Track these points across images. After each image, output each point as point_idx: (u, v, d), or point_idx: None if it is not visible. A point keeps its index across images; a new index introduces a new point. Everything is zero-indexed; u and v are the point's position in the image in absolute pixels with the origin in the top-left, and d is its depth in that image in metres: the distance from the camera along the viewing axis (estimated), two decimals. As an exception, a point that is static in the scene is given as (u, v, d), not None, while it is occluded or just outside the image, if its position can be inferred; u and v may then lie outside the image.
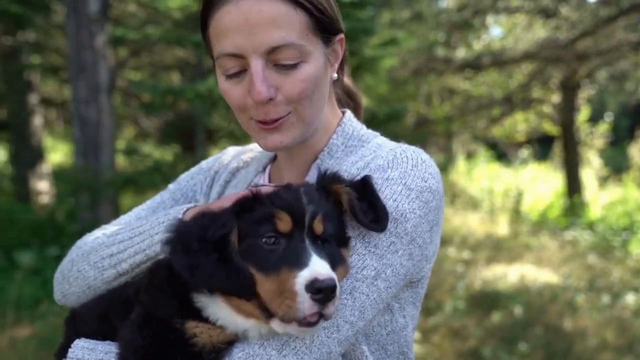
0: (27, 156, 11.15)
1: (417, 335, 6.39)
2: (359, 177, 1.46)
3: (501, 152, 20.90)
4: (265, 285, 1.27)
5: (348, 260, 1.42)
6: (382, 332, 1.58)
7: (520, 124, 16.36)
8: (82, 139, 8.43)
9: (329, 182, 1.42)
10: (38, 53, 12.28)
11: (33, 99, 11.20)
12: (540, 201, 14.78)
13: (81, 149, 8.46)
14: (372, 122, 8.35)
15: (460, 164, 18.18)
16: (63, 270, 1.75)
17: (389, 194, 1.48)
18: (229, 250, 1.28)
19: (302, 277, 1.24)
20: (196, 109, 8.51)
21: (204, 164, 1.99)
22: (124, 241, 1.60)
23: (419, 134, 14.09)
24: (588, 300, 7.74)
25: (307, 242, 1.29)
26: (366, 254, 1.44)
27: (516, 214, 13.00)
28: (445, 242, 10.73)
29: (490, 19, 12.97)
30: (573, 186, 13.82)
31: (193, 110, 8.87)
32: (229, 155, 1.98)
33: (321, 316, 1.26)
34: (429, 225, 1.53)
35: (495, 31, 15.62)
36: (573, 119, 13.82)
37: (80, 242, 1.76)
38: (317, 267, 1.25)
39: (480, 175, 17.47)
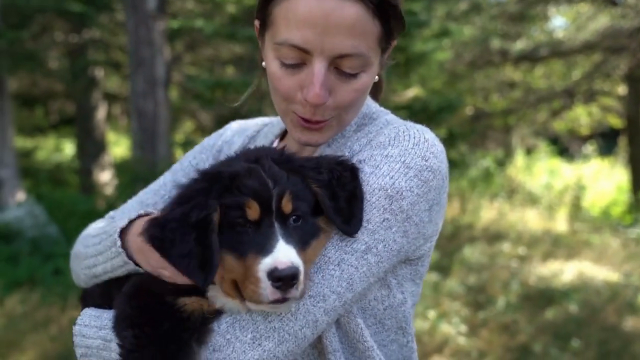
0: (91, 149, 11.63)
1: (463, 328, 6.31)
2: (345, 167, 1.45)
3: (563, 147, 20.24)
4: (235, 269, 1.35)
5: (328, 227, 1.43)
6: (379, 306, 1.58)
7: (582, 117, 15.80)
8: (140, 131, 8.73)
9: (294, 162, 1.44)
10: (102, 50, 12.75)
11: (97, 94, 11.66)
12: (602, 197, 14.25)
13: (139, 141, 8.76)
14: (424, 113, 8.28)
15: (519, 158, 17.71)
16: (70, 261, 1.87)
17: (386, 171, 1.48)
18: (209, 229, 1.35)
19: (265, 264, 1.30)
20: (245, 102, 8.64)
21: (205, 141, 1.98)
22: (92, 257, 1.66)
23: (476, 128, 13.81)
24: (649, 299, 7.44)
25: (276, 225, 1.34)
26: None
27: (576, 210, 12.57)
28: (499, 237, 10.51)
29: (552, 9, 12.59)
30: (638, 182, 13.24)
31: (243, 103, 9.01)
32: (232, 130, 1.96)
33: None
34: (428, 204, 1.52)
35: (558, 21, 15.09)
36: (639, 112, 13.23)
37: (80, 237, 1.85)
38: (279, 254, 1.30)
39: (540, 171, 16.98)
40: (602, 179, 15.87)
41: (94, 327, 1.52)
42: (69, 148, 17.78)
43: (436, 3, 11.47)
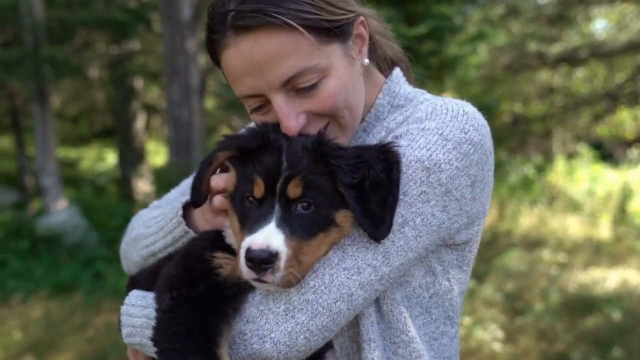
0: (131, 158, 11.89)
1: (500, 334, 6.18)
2: (385, 167, 1.40)
3: (607, 152, 19.67)
4: (238, 237, 1.38)
5: (346, 223, 1.40)
6: (424, 294, 1.54)
7: (627, 121, 15.35)
8: (176, 138, 8.88)
9: (328, 153, 1.40)
10: (141, 61, 13.05)
11: (136, 104, 11.93)
12: (649, 204, 13.78)
13: (174, 149, 8.91)
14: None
15: (560, 164, 17.30)
16: (122, 250, 1.92)
17: (423, 144, 1.44)
18: (207, 165, 1.48)
19: (245, 242, 1.32)
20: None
21: None
22: (153, 234, 1.72)
23: (514, 133, 13.55)
24: (698, 309, 7.14)
25: (277, 208, 1.34)
26: None
27: (621, 216, 12.19)
28: (539, 244, 10.27)
29: (594, 10, 12.31)
30: (686, 187, 12.77)
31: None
32: None
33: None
34: (470, 180, 1.47)
35: (600, 24, 14.73)
36: (686, 115, 12.78)
37: (131, 224, 1.91)
38: (259, 236, 1.31)
39: (583, 177, 16.54)
40: (648, 185, 15.35)
41: (139, 306, 1.56)
42: (111, 157, 18.23)
43: (472, 8, 11.36)
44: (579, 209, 13.19)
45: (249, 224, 1.35)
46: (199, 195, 1.49)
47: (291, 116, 1.45)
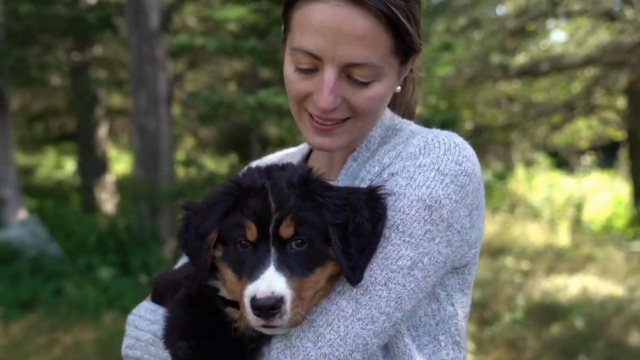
0: (93, 167, 11.63)
1: (471, 346, 6.27)
2: (371, 216, 1.41)
3: (562, 160, 20.26)
4: (233, 286, 1.38)
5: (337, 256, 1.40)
6: (430, 322, 1.55)
7: (583, 130, 15.84)
8: (142, 148, 8.73)
9: (315, 190, 1.41)
10: (104, 68, 12.80)
11: (99, 111, 11.69)
12: (603, 211, 14.24)
13: (141, 159, 8.76)
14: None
15: (519, 172, 17.72)
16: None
17: (421, 181, 1.45)
18: (204, 244, 1.41)
19: (248, 290, 1.32)
20: (249, 121, 8.68)
21: None
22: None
23: (476, 142, 13.81)
24: (655, 314, 7.41)
25: (272, 250, 1.34)
26: (401, 243, 1.42)
27: (578, 224, 12.57)
28: (503, 252, 10.49)
29: (550, 24, 12.66)
30: (639, 195, 13.25)
31: (248, 121, 9.05)
32: None
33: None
34: (468, 210, 1.49)
35: (557, 36, 15.17)
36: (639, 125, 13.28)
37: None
38: (262, 283, 1.30)
39: (541, 184, 16.98)
40: (602, 192, 15.87)
41: (148, 320, 1.55)
42: (69, 165, 17.78)
43: (435, 18, 11.54)
44: (538, 216, 13.54)
45: (247, 272, 1.34)
46: (205, 281, 1.45)
47: (334, 93, 1.48)
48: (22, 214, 9.72)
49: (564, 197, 14.69)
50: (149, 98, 8.57)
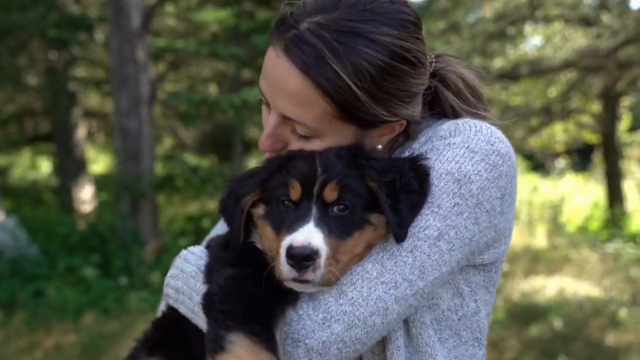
0: (70, 167, 11.47)
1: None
2: (417, 176, 1.44)
3: (538, 163, 20.55)
4: (271, 242, 1.42)
5: (380, 225, 1.43)
6: (453, 317, 1.55)
7: (559, 134, 16.08)
8: (123, 149, 8.64)
9: (360, 158, 1.46)
10: (82, 67, 12.63)
11: (77, 111, 11.53)
12: (578, 213, 14.48)
13: (122, 159, 8.68)
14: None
15: (497, 175, 17.91)
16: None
17: (450, 156, 1.46)
18: (237, 207, 1.49)
19: (285, 241, 1.35)
20: (233, 120, 8.65)
21: None
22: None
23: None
24: (631, 314, 7.55)
25: (314, 209, 1.39)
26: (429, 213, 1.43)
27: (555, 226, 12.76)
28: (482, 253, 10.61)
29: (528, 28, 12.83)
30: (614, 197, 13.50)
31: (230, 121, 9.03)
32: None
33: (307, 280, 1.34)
34: (500, 192, 1.47)
35: (534, 40, 15.40)
36: (614, 129, 13.53)
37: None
38: (300, 234, 1.34)
39: (519, 187, 17.22)
40: (577, 195, 16.14)
41: (197, 256, 1.59)
42: (45, 165, 17.51)
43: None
44: (516, 218, 13.71)
45: (286, 226, 1.39)
46: (240, 242, 1.50)
47: (271, 138, 1.53)
48: (0, 216, 9.55)
49: (541, 200, 14.90)
50: (130, 99, 8.50)
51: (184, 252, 1.63)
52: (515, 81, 11.21)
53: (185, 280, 1.56)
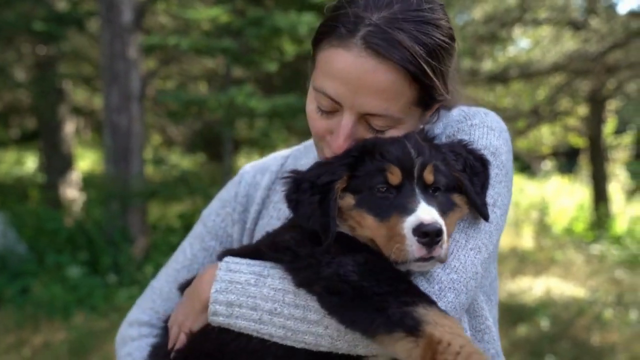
0: (58, 164, 11.35)
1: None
2: (475, 157, 1.56)
3: (525, 165, 20.71)
4: (379, 230, 1.40)
5: (462, 204, 1.51)
6: (485, 282, 1.68)
7: (546, 136, 16.21)
8: (113, 146, 8.58)
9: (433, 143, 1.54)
10: (70, 63, 12.51)
11: (64, 108, 11.42)
12: (564, 214, 14.62)
13: (112, 156, 8.61)
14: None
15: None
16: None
17: (479, 135, 1.60)
18: (330, 195, 1.43)
19: (409, 222, 1.36)
20: (221, 119, 8.63)
21: (224, 194, 1.95)
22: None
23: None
24: (616, 315, 7.64)
25: (417, 191, 1.42)
26: None
27: (541, 227, 12.87)
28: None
29: (517, 30, 12.92)
30: (599, 199, 13.64)
31: (219, 119, 9.01)
32: (250, 173, 1.95)
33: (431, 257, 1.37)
34: (510, 163, 1.66)
35: (522, 43, 15.50)
36: (600, 132, 13.67)
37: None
38: (423, 212, 1.37)
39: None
40: (563, 196, 16.28)
41: (245, 264, 1.54)
42: (31, 162, 17.34)
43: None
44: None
45: (397, 209, 1.39)
46: (335, 232, 1.44)
47: (349, 140, 1.54)
48: (-15, 212, 9.44)
49: (528, 201, 15.02)
50: (120, 95, 8.44)
51: (222, 264, 1.56)
52: (505, 83, 11.29)
53: (242, 290, 1.50)
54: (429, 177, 1.44)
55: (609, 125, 15.46)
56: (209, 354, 1.53)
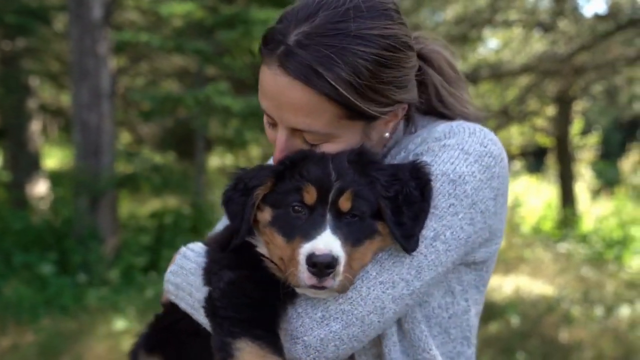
0: (24, 162, 11.11)
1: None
2: (418, 184, 1.46)
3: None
4: (285, 251, 1.41)
5: (386, 233, 1.45)
6: (443, 314, 1.59)
7: (515, 136, 16.45)
8: (83, 143, 8.43)
9: (368, 165, 1.47)
10: (37, 59, 12.24)
11: (31, 104, 11.17)
12: (533, 213, 14.86)
13: (82, 154, 8.46)
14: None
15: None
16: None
17: (446, 158, 1.50)
18: (249, 200, 1.45)
19: (305, 249, 1.36)
20: (195, 117, 8.55)
21: None
22: None
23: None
24: (583, 312, 7.79)
25: (329, 216, 1.39)
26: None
27: (511, 226, 13.06)
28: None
29: (487, 32, 13.07)
30: (566, 199, 13.90)
31: (192, 117, 8.92)
32: None
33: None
34: (493, 193, 1.52)
35: (491, 44, 15.71)
36: (567, 132, 13.92)
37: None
38: (319, 242, 1.35)
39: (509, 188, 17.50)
40: (531, 196, 16.54)
41: (197, 253, 1.61)
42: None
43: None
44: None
45: (301, 233, 1.39)
46: (246, 234, 1.50)
47: (284, 152, 1.54)
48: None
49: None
50: (90, 92, 8.29)
51: (183, 248, 1.66)
52: (475, 84, 11.41)
53: (185, 276, 1.59)
54: (344, 204, 1.40)
55: (575, 125, 15.78)
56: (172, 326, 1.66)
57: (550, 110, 14.36)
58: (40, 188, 11.20)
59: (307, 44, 1.43)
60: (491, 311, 7.66)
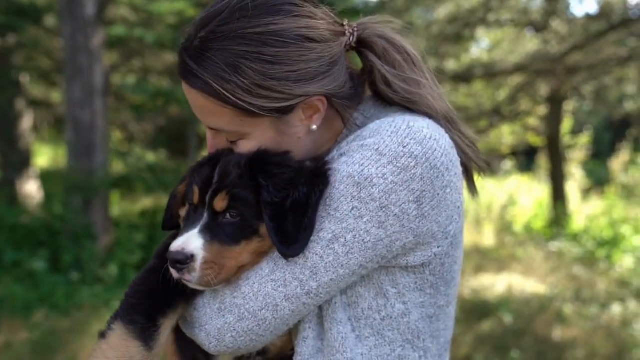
0: (15, 160, 11.02)
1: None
2: (315, 191, 1.46)
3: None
4: None
5: (266, 235, 1.48)
6: (375, 316, 1.56)
7: (506, 136, 16.51)
8: (76, 141, 8.38)
9: (261, 169, 1.51)
10: (27, 55, 12.16)
11: (21, 102, 11.09)
12: (524, 212, 14.94)
13: (74, 151, 8.41)
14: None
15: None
16: None
17: (357, 159, 1.45)
18: (172, 193, 1.66)
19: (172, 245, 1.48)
20: (188, 113, 8.53)
21: None
22: None
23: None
24: (575, 310, 7.84)
25: (206, 215, 1.49)
26: (325, 216, 1.45)
27: (502, 225, 13.12)
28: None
29: (479, 31, 13.11)
30: (557, 198, 13.98)
31: (185, 114, 8.90)
32: None
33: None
34: (413, 196, 1.44)
35: (483, 44, 15.77)
36: (558, 131, 13.99)
37: None
38: (179, 240, 1.46)
39: (465, 186, 17.56)
40: (522, 195, 16.62)
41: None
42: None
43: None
44: (465, 217, 13.99)
45: (182, 229, 1.53)
46: (172, 226, 1.67)
47: (212, 149, 1.62)
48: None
49: (489, 199, 15.28)
50: (83, 89, 8.23)
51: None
52: (468, 83, 11.45)
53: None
54: (219, 204, 1.48)
55: (566, 125, 15.85)
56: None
57: (542, 110, 14.43)
58: (31, 186, 11.13)
59: (197, 52, 1.50)
60: (484, 309, 7.70)
